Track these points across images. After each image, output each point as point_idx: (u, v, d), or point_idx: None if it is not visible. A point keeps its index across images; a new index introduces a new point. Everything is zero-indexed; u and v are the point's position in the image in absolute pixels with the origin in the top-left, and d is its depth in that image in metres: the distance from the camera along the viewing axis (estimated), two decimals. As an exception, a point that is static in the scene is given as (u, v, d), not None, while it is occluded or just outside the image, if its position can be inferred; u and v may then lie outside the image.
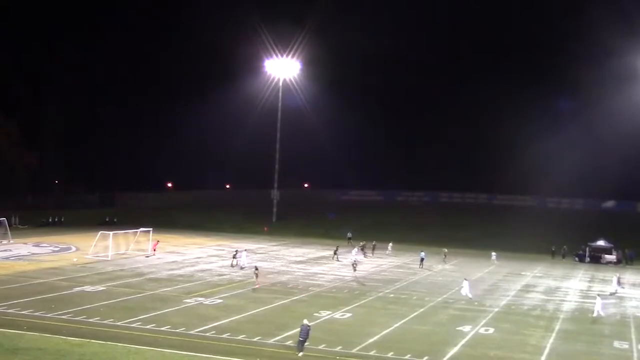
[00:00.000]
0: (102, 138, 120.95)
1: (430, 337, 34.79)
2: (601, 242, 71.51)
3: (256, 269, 48.73)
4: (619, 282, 52.58)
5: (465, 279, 48.43)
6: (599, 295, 44.69)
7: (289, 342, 30.86)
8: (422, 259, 60.31)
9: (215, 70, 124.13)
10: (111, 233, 59.53)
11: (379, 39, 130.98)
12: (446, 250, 65.18)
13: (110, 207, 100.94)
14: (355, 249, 62.86)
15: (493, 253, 66.01)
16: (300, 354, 30.12)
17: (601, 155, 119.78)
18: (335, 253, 63.27)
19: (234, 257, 56.23)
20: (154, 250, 60.00)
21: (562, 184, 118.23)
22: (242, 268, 53.98)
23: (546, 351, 33.41)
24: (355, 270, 54.68)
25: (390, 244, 70.38)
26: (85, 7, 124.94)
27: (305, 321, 30.89)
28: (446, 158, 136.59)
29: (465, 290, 46.43)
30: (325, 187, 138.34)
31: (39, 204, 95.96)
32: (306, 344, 30.94)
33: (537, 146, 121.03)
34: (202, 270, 53.01)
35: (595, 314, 41.54)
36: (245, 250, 59.91)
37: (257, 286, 46.67)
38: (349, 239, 74.96)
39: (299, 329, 30.83)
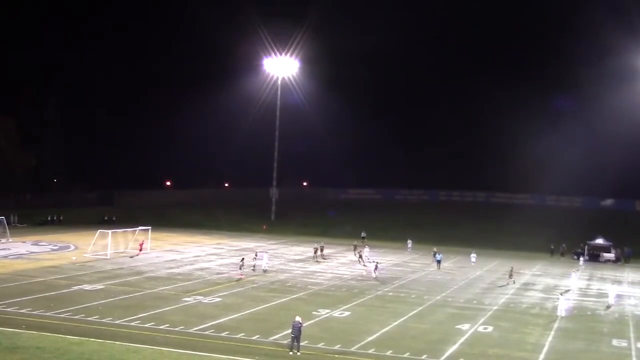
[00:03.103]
0: (101, 137, 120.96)
1: (429, 336, 34.81)
2: (600, 240, 71.53)
3: (242, 260, 50.79)
4: (510, 275, 52.71)
5: (374, 261, 54.18)
6: (561, 294, 44.55)
7: (288, 341, 30.88)
8: (438, 261, 58.91)
9: (214, 68, 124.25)
10: (110, 232, 59.51)
11: (377, 37, 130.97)
12: (435, 249, 64.23)
13: (109, 206, 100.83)
14: (367, 248, 63.93)
15: (473, 254, 63.04)
16: (298, 353, 30.10)
17: (600, 153, 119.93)
18: (360, 257, 60.99)
19: (254, 259, 54.71)
20: (140, 249, 59.83)
21: (561, 182, 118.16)
22: (265, 271, 52.33)
23: (545, 349, 33.44)
24: (376, 268, 52.93)
25: (410, 241, 71.12)
26: (84, 6, 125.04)
27: (298, 318, 30.87)
28: (445, 156, 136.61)
29: (371, 269, 51.64)
30: (324, 186, 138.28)
31: (38, 202, 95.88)
32: (305, 342, 30.99)
33: (536, 144, 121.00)
34: (201, 269, 52.99)
35: (559, 313, 41.23)
36: (266, 252, 58.66)
37: (240, 277, 48.76)
38: (363, 238, 74.70)
39: (296, 327, 30.87)
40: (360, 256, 61.06)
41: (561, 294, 44.47)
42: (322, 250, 62.88)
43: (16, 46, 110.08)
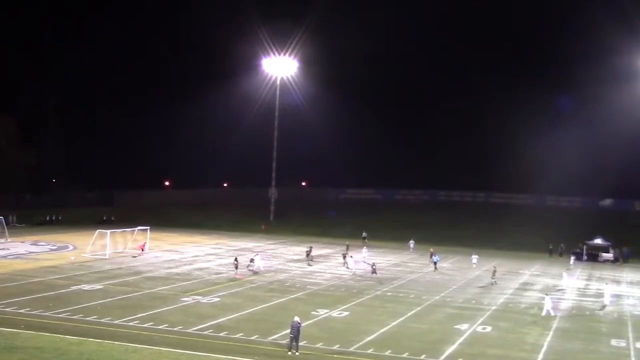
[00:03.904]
0: (100, 136, 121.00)
1: (427, 336, 34.81)
2: (598, 240, 71.49)
3: (236, 260, 50.89)
4: (494, 275, 52.35)
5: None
6: (547, 294, 44.36)
7: (287, 341, 30.89)
8: (435, 262, 58.04)
9: (213, 68, 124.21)
10: (109, 232, 59.49)
11: (377, 37, 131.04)
12: (432, 249, 63.61)
13: (108, 206, 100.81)
14: (365, 249, 63.83)
15: (474, 255, 61.53)
16: (297, 353, 30.11)
17: (600, 153, 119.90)
18: (344, 258, 59.00)
19: (251, 261, 53.54)
20: (142, 250, 59.82)
21: (560, 182, 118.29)
22: (256, 272, 51.70)
23: (544, 349, 33.44)
24: (375, 273, 52.58)
25: (412, 241, 71.23)
26: (84, 5, 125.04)
27: (296, 318, 30.87)
28: (445, 156, 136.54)
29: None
30: (323, 186, 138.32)
31: (37, 202, 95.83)
32: (303, 342, 31.00)
33: (536, 144, 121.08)
34: (200, 269, 52.99)
35: (544, 313, 41.03)
36: (258, 254, 57.24)
37: (238, 277, 48.82)
38: (364, 238, 74.66)
39: (294, 327, 30.85)
40: (344, 256, 59.27)
41: (547, 294, 44.35)
42: (310, 251, 61.28)
43: (16, 46, 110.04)
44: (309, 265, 58.08)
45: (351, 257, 57.46)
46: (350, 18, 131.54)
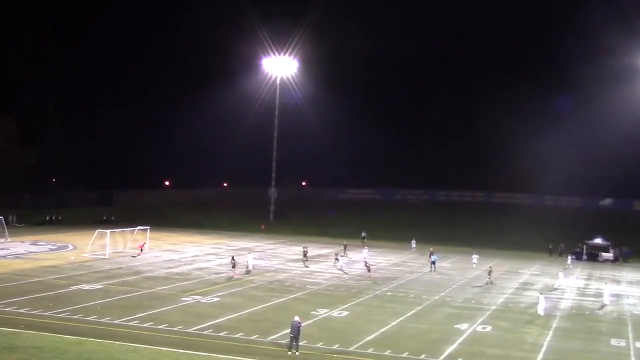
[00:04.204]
0: (100, 136, 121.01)
1: (427, 335, 34.82)
2: (598, 240, 71.52)
3: (233, 259, 51.00)
4: (489, 275, 52.17)
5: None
6: (541, 293, 44.25)
7: (287, 340, 30.90)
8: (433, 262, 57.47)
9: (213, 68, 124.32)
10: (108, 231, 59.50)
11: (377, 37, 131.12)
12: (432, 249, 63.53)
13: (108, 206, 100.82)
14: (366, 249, 63.45)
15: (475, 255, 61.27)
16: (297, 353, 30.12)
17: (599, 153, 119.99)
18: (336, 259, 57.98)
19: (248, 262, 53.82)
20: (141, 250, 59.80)
21: (560, 182, 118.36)
22: (248, 272, 51.89)
23: (543, 349, 33.44)
24: (369, 271, 53.05)
25: (414, 241, 71.34)
26: (84, 5, 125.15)
27: (296, 318, 30.86)
28: (444, 156, 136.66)
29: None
30: (323, 186, 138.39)
31: (37, 202, 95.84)
32: (303, 342, 31.01)
33: (535, 144, 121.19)
34: (200, 269, 52.99)
35: (542, 313, 40.96)
36: (251, 252, 57.89)
37: (235, 276, 49.06)
38: (363, 238, 74.63)
39: (294, 327, 30.86)
40: (337, 259, 58.26)
41: (540, 293, 44.31)
42: (306, 252, 60.38)
43: (16, 46, 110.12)
44: (306, 266, 57.86)
45: (342, 256, 57.41)
46: (350, 18, 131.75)
